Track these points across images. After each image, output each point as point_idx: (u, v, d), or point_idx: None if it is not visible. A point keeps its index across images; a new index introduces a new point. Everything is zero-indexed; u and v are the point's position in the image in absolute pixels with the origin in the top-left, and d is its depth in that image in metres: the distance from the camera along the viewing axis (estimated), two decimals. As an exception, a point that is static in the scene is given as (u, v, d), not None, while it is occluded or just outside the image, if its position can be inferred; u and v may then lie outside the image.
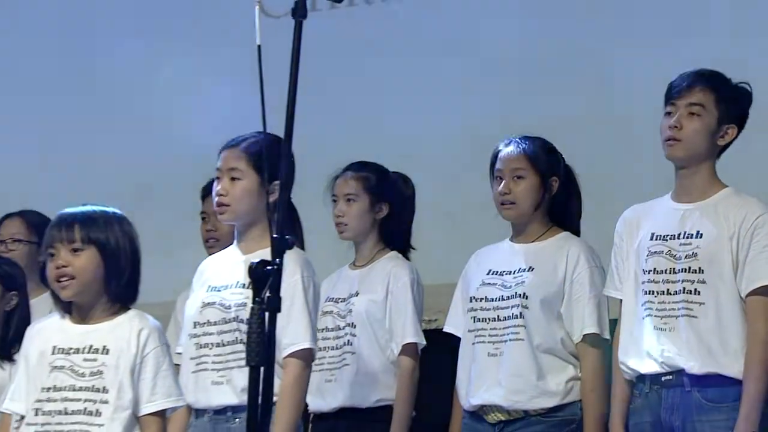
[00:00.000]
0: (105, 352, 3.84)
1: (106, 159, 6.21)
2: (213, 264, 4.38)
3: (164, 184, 5.57)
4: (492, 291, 4.45)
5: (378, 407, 4.76)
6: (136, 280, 3.94)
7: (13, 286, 4.86)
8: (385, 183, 4.91)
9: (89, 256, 3.86)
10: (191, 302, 4.31)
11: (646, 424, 4.05)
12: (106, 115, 6.42)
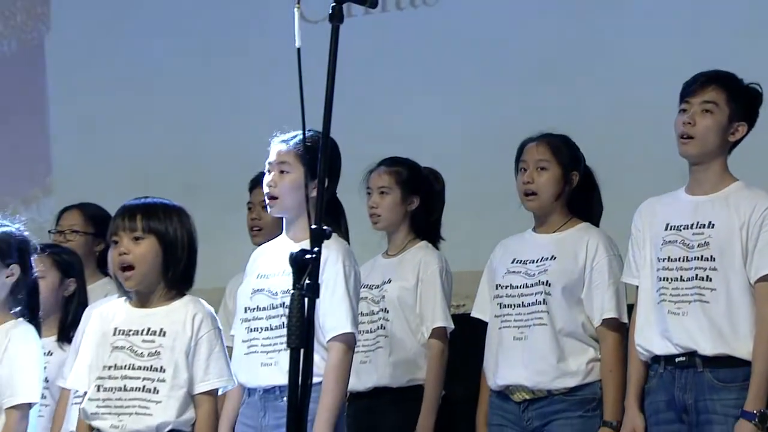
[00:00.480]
0: (162, 335, 3.86)
1: (158, 157, 6.22)
2: (264, 252, 4.40)
3: (209, 180, 5.57)
4: (516, 279, 4.44)
5: (410, 387, 4.75)
6: (192, 269, 3.97)
7: (71, 274, 4.87)
8: (416, 177, 4.90)
9: (149, 245, 3.88)
10: (243, 288, 4.34)
11: (661, 403, 4.05)
12: (158, 116, 6.44)
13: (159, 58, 6.53)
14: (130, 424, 3.81)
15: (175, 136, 6.33)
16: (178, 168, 6.01)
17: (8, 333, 4.20)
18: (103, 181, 5.97)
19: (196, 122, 6.28)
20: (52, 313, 4.74)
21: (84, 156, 6.66)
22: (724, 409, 3.90)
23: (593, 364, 4.35)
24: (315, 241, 2.99)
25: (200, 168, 5.92)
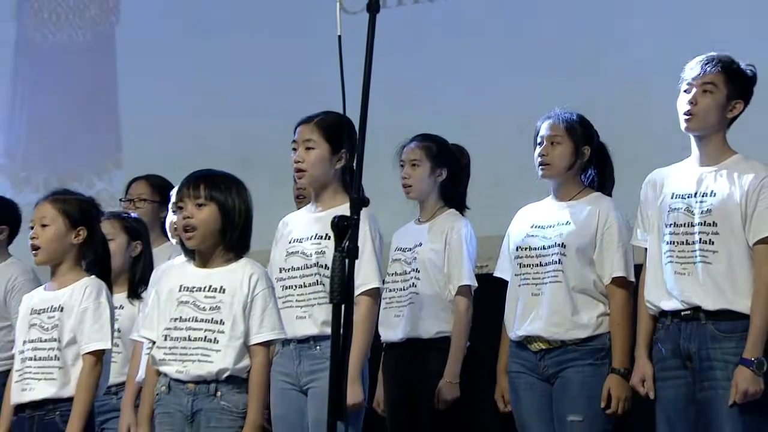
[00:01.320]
0: (222, 291, 3.89)
1: (217, 134, 6.24)
2: (294, 219, 4.42)
3: (263, 156, 5.58)
4: (535, 241, 4.39)
5: (438, 338, 4.74)
6: (248, 234, 3.98)
7: (138, 237, 4.88)
8: (444, 151, 4.86)
9: (210, 211, 3.90)
10: (277, 252, 4.35)
11: (668, 351, 4.01)
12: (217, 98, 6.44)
13: (217, 46, 6.50)
14: (193, 370, 3.84)
15: (233, 116, 6.29)
16: (237, 144, 5.98)
17: (82, 288, 4.17)
18: (168, 155, 5.93)
19: (251, 104, 6.25)
20: (121, 272, 4.76)
21: (150, 133, 6.65)
22: (724, 357, 3.87)
23: (603, 317, 4.29)
24: (354, 208, 2.99)
25: (256, 145, 5.87)
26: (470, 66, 5.81)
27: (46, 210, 4.21)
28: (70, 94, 7.03)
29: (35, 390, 4.12)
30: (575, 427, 4.22)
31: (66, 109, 7.02)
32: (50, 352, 4.13)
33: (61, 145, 6.99)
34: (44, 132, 7.10)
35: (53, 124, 7.05)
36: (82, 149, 6.92)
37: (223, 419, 3.82)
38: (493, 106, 5.63)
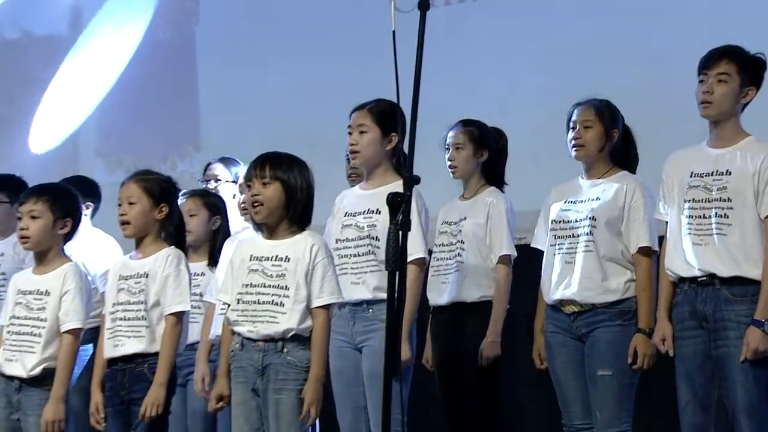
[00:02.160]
0: (287, 260, 3.90)
1: (285, 120, 6.20)
2: (348, 196, 4.43)
3: (324, 139, 5.53)
4: (568, 215, 4.35)
5: (480, 302, 4.70)
6: (310, 209, 3.99)
7: (216, 212, 4.90)
8: (485, 135, 4.81)
9: (275, 189, 3.91)
10: (333, 224, 4.36)
11: (686, 312, 3.97)
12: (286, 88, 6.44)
13: (284, 43, 6.49)
14: (262, 330, 3.86)
15: (298, 104, 6.27)
16: (301, 129, 5.93)
17: (164, 257, 4.19)
18: (240, 139, 5.94)
19: (314, 93, 6.23)
20: (203, 242, 4.81)
21: (225, 120, 6.67)
22: (737, 318, 3.83)
23: (630, 283, 4.24)
24: (407, 185, 3.04)
25: (318, 129, 5.84)
26: (508, 57, 5.75)
27: (132, 189, 4.22)
28: (156, 86, 7.07)
29: (126, 346, 4.14)
30: (605, 380, 4.17)
31: (153, 100, 7.06)
32: (138, 313, 4.15)
33: (148, 132, 7.03)
34: (134, 120, 7.14)
35: (142, 113, 7.10)
36: (166, 135, 6.95)
37: (290, 372, 3.85)
38: (529, 93, 5.57)
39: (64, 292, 4.27)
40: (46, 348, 4.24)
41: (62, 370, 4.21)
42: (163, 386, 4.05)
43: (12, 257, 5.56)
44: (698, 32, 5.06)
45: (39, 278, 4.34)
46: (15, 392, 4.25)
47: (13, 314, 4.31)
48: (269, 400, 3.84)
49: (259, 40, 6.59)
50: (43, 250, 4.36)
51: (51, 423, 4.15)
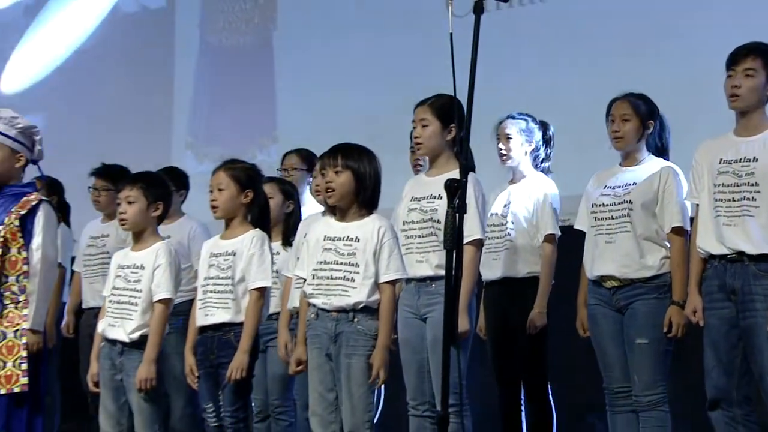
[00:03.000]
0: (357, 241, 3.92)
1: (353, 114, 6.18)
2: (414, 182, 4.39)
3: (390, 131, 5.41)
4: (608, 199, 4.29)
5: (528, 277, 4.67)
6: (377, 195, 4.00)
7: (291, 197, 4.90)
8: (533, 126, 4.78)
9: (346, 176, 3.93)
10: (401, 208, 4.32)
11: (714, 286, 3.91)
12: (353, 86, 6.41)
13: (351, 46, 6.49)
14: (335, 302, 3.89)
15: (365, 100, 6.25)
16: (367, 123, 5.88)
17: (250, 238, 4.21)
18: (313, 132, 5.89)
19: (378, 90, 6.20)
20: (277, 224, 4.77)
21: (299, 115, 6.65)
22: (764, 291, 3.76)
23: (665, 260, 4.17)
24: (463, 172, 3.03)
25: (382, 123, 5.76)
26: (553, 55, 5.68)
27: (221, 177, 4.25)
28: (238, 86, 7.08)
29: (215, 316, 4.18)
30: (642, 348, 4.12)
31: (235, 98, 7.08)
32: (225, 287, 4.18)
33: (231, 126, 7.06)
34: (219, 116, 7.17)
35: (226, 110, 7.14)
36: (247, 129, 6.97)
37: (360, 339, 3.87)
38: (572, 88, 5.49)
39: (156, 266, 4.31)
40: (142, 315, 4.28)
41: (153, 335, 4.25)
42: (246, 353, 4.09)
43: (115, 237, 5.63)
44: (726, 31, 4.96)
45: (135, 254, 4.38)
46: (118, 355, 4.30)
47: (114, 286, 4.37)
48: (341, 364, 3.87)
49: (328, 43, 6.57)
50: (139, 230, 4.40)
51: (144, 381, 4.19)
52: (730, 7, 5.19)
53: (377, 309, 3.88)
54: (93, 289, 5.69)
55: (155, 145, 7.23)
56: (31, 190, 4.46)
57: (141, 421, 4.21)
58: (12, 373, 4.25)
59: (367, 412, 3.84)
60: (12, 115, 4.45)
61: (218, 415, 4.17)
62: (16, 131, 4.42)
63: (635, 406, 4.13)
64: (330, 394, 3.88)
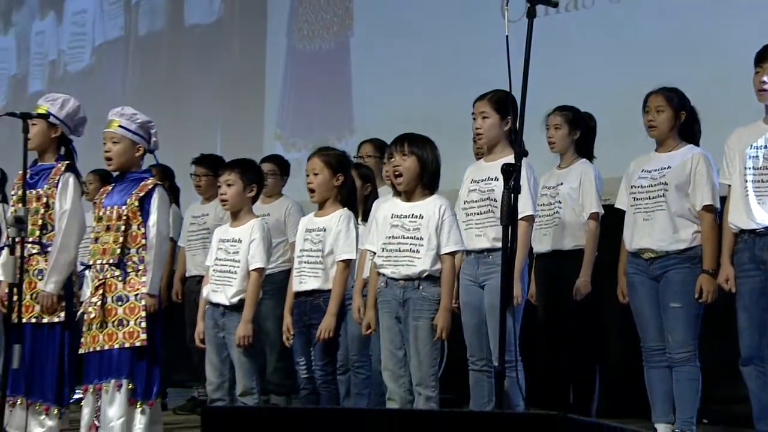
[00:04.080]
0: (421, 217, 3.90)
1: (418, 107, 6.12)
2: (474, 167, 4.32)
3: (450, 121, 5.36)
4: (645, 182, 4.23)
5: (574, 250, 4.64)
6: (437, 177, 3.98)
7: (368, 181, 4.86)
8: (578, 117, 4.73)
9: (411, 161, 3.92)
10: (463, 189, 4.27)
11: (745, 257, 3.87)
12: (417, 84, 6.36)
13: (417, 48, 6.43)
14: (402, 271, 3.88)
15: (429, 95, 6.19)
16: (432, 115, 5.80)
17: (338, 216, 4.21)
18: (384, 123, 5.83)
19: (442, 86, 6.13)
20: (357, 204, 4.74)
21: (373, 109, 6.62)
22: None
23: (696, 234, 4.11)
24: (518, 158, 3.03)
25: (444, 115, 5.71)
26: (596, 54, 5.58)
27: (315, 163, 4.24)
28: (319, 85, 7.07)
29: (307, 283, 4.20)
30: (676, 311, 4.08)
31: (317, 95, 7.07)
32: (317, 259, 4.20)
33: (314, 120, 7.05)
34: (304, 111, 7.17)
35: (309, 105, 7.13)
36: (327, 122, 6.95)
37: (425, 304, 3.86)
38: (613, 83, 5.38)
39: (252, 240, 4.32)
40: (241, 282, 4.31)
41: (250, 299, 4.27)
42: (334, 316, 4.10)
43: (213, 216, 5.72)
44: (753, 31, 4.81)
45: (234, 230, 4.40)
46: (220, 316, 4.33)
47: (217, 257, 4.41)
48: (409, 326, 3.87)
49: (397, 47, 6.52)
50: (236, 209, 4.42)
51: (242, 338, 4.22)
52: (754, 9, 5.04)
53: (439, 277, 3.86)
54: (194, 260, 5.80)
55: (250, 137, 7.28)
56: (148, 175, 4.53)
57: (241, 373, 4.26)
58: (134, 330, 4.33)
59: (432, 367, 3.83)
60: (132, 112, 4.52)
61: (309, 368, 4.19)
62: (136, 125, 4.49)
63: (669, 362, 4.08)
64: (399, 352, 3.89)
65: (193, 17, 7.85)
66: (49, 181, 4.62)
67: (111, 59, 8.16)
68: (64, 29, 8.15)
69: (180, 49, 8.02)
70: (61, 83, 8.29)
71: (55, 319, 4.54)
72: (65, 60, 8.19)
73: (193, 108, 7.82)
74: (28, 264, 4.44)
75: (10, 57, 8.14)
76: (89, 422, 4.37)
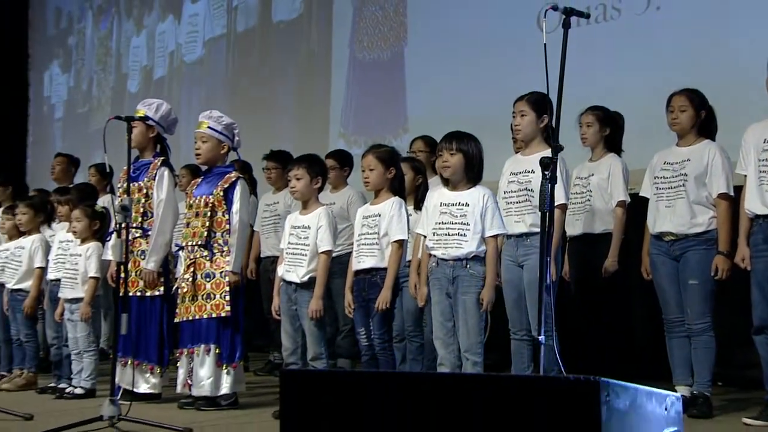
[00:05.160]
0: (467, 205, 3.89)
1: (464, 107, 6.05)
2: (512, 161, 4.27)
3: (493, 120, 5.24)
4: (667, 173, 4.16)
5: (603, 233, 4.57)
6: (481, 170, 3.96)
7: (420, 173, 4.72)
8: (608, 116, 4.66)
9: (458, 157, 3.90)
10: (503, 181, 4.23)
11: (760, 239, 3.80)
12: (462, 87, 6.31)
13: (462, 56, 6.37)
14: (451, 252, 3.87)
15: (473, 96, 6.13)
16: (475, 115, 5.70)
17: (391, 203, 4.18)
18: (435, 122, 5.75)
19: (485, 89, 6.08)
20: (411, 193, 4.66)
21: (424, 110, 6.59)
22: None
23: (712, 219, 4.04)
24: (554, 152, 2.99)
25: (487, 115, 5.58)
26: (623, 60, 5.48)
27: (370, 159, 4.23)
28: (378, 90, 7.05)
29: (365, 262, 4.19)
30: (694, 287, 4.03)
31: (375, 98, 7.05)
32: (373, 240, 4.18)
33: (372, 120, 7.04)
34: (363, 112, 7.16)
35: (368, 107, 7.11)
36: (384, 121, 6.92)
37: (471, 281, 3.85)
38: (639, 85, 5.27)
39: (319, 226, 4.33)
40: (310, 263, 4.33)
41: (320, 278, 4.29)
42: (389, 290, 4.10)
43: (284, 204, 5.78)
44: (763, 39, 4.71)
45: (303, 217, 4.43)
46: (293, 292, 4.37)
47: (289, 241, 4.42)
48: (458, 300, 3.87)
49: (446, 55, 6.48)
50: (305, 199, 4.44)
51: (314, 311, 4.25)
52: (764, 20, 4.90)
53: (484, 257, 3.85)
54: (267, 242, 5.88)
55: (317, 135, 7.30)
56: (231, 170, 4.60)
57: (311, 341, 4.30)
58: (219, 302, 4.41)
59: (479, 336, 3.83)
60: (219, 114, 4.61)
61: (368, 337, 4.19)
62: (222, 127, 4.56)
63: (688, 332, 4.03)
64: (449, 323, 3.87)
65: (279, 13, 7.89)
66: (148, 175, 4.72)
67: (217, 52, 8.28)
68: (182, 29, 8.40)
69: (267, 45, 8.04)
70: (178, 72, 8.47)
71: (156, 293, 4.65)
72: (182, 52, 8.38)
73: (272, 100, 7.86)
74: (133, 246, 4.55)
75: (141, 52, 8.51)
76: (184, 380, 4.47)
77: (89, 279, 4.99)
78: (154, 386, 4.66)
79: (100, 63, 8.72)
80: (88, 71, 8.86)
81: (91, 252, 5.02)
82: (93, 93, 8.82)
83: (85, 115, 8.80)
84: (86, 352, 5.00)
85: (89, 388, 4.97)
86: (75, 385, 5.00)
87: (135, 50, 8.46)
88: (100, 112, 8.63)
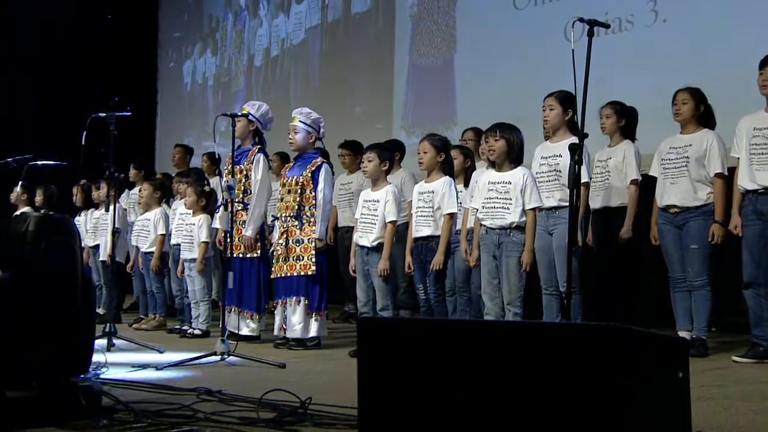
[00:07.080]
0: (509, 183, 3.88)
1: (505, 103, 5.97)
2: (542, 147, 4.22)
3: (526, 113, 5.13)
4: (672, 156, 4.14)
5: (619, 207, 4.52)
6: (522, 154, 3.93)
7: (468, 157, 4.72)
8: (625, 109, 4.61)
9: (502, 143, 3.89)
10: (535, 164, 4.18)
11: (749, 210, 3.81)
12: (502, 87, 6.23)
13: (502, 61, 6.31)
14: (497, 222, 3.87)
15: (512, 93, 6.06)
16: (515, 109, 5.57)
17: (442, 182, 4.19)
18: (481, 115, 5.66)
19: (521, 87, 5.98)
20: (460, 174, 4.61)
21: (471, 105, 6.56)
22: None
23: (710, 194, 4.02)
24: (580, 138, 3.00)
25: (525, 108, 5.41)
26: (637, 62, 5.40)
27: (426, 145, 4.26)
28: (431, 90, 7.01)
29: (422, 231, 4.20)
30: (694, 251, 4.02)
31: (430, 97, 7.01)
32: (428, 213, 4.18)
33: (428, 114, 7.02)
34: (420, 108, 7.13)
35: (424, 103, 7.08)
36: (437, 115, 6.89)
37: (514, 246, 3.84)
38: (649, 84, 5.20)
39: (386, 200, 4.32)
40: (379, 231, 4.33)
41: (387, 243, 4.25)
42: (443, 254, 4.13)
43: (356, 183, 5.87)
44: (755, 42, 4.58)
45: (373, 193, 4.41)
46: (365, 255, 4.38)
47: (362, 212, 4.44)
48: (502, 262, 3.87)
49: (489, 61, 6.44)
50: (375, 178, 4.42)
51: (382, 270, 4.27)
52: (756, 26, 4.79)
53: (524, 227, 3.84)
54: (343, 215, 5.99)
55: (383, 124, 7.35)
56: (317, 156, 4.71)
57: (380, 294, 4.34)
58: (307, 263, 4.53)
59: (519, 291, 3.83)
60: (308, 111, 4.71)
61: (425, 292, 4.22)
62: (310, 121, 4.67)
63: (689, 288, 4.05)
64: (494, 280, 3.88)
65: (356, 6, 7.95)
66: (247, 160, 4.86)
67: (314, 40, 8.45)
68: (290, 21, 8.74)
69: (347, 33, 8.05)
70: (288, 52, 8.67)
71: (254, 255, 4.81)
72: (290, 38, 8.71)
73: (348, 90, 7.90)
74: (236, 217, 4.69)
75: (263, 39, 9.11)
76: (279, 325, 4.63)
77: (201, 243, 5.19)
78: (253, 330, 4.82)
79: (236, 48, 9.62)
80: (228, 54, 9.72)
81: (201, 222, 5.22)
82: (232, 68, 9.61)
83: (227, 83, 9.67)
84: (202, 302, 5.22)
85: (204, 330, 5.19)
86: (194, 327, 5.22)
87: (259, 38, 9.28)
88: (236, 80, 9.50)
